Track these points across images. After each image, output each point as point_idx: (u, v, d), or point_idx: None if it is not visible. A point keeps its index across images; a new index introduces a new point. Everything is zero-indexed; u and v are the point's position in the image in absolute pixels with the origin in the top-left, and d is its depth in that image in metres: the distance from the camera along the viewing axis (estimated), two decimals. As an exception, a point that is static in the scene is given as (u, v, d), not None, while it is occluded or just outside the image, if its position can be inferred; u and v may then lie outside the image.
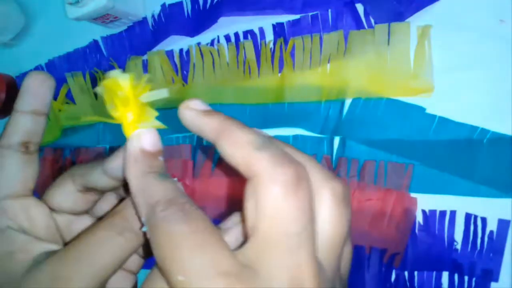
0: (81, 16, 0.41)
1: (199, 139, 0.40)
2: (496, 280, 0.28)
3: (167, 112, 0.42)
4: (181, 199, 0.15)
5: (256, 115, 0.37)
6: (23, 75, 0.55)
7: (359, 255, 0.32)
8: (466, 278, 0.29)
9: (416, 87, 0.31)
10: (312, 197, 0.15)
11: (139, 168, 0.16)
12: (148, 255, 0.22)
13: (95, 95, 0.47)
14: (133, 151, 0.17)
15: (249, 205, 0.15)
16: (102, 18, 0.42)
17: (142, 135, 0.17)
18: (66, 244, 0.19)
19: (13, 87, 0.55)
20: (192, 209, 0.15)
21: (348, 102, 0.34)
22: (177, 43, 0.42)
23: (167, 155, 0.41)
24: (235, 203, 0.37)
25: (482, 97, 0.29)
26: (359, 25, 0.33)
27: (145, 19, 0.44)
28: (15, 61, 0.57)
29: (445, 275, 0.30)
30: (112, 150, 0.46)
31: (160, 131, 0.48)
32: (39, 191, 0.55)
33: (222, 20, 0.40)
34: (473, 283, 0.29)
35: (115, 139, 0.46)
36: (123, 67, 0.45)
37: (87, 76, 0.47)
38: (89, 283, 0.16)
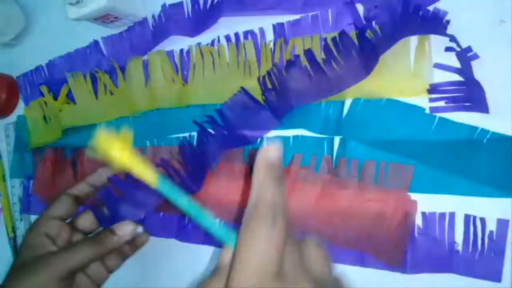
0: (81, 16, 0.41)
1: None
2: (499, 280, 0.28)
3: (169, 112, 0.42)
4: (280, 208, 0.20)
5: (256, 115, 0.37)
6: (23, 75, 0.55)
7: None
8: (468, 279, 0.29)
9: (416, 87, 0.31)
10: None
11: (263, 172, 0.21)
12: (112, 271, 0.36)
13: (96, 95, 0.47)
14: (259, 160, 0.22)
15: None
16: (103, 18, 0.42)
17: (268, 150, 0.22)
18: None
19: (13, 87, 0.55)
20: (284, 218, 0.20)
21: (348, 102, 0.34)
22: (177, 43, 0.42)
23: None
24: (235, 204, 0.37)
25: (482, 97, 0.29)
26: (359, 25, 0.33)
27: (145, 19, 0.44)
28: (15, 61, 0.57)
29: (446, 277, 0.30)
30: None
31: (160, 131, 0.48)
32: (39, 191, 0.55)
33: (222, 20, 0.40)
34: (475, 284, 0.29)
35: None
36: (123, 67, 0.45)
37: (88, 76, 0.47)
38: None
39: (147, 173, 0.23)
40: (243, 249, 0.19)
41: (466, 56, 0.30)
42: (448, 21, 0.30)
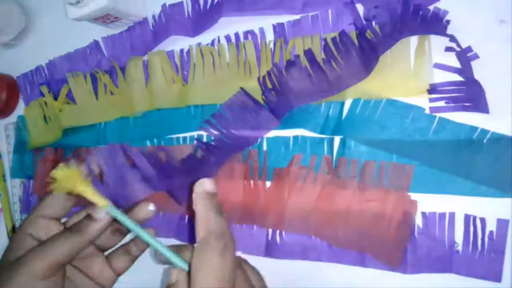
0: (81, 16, 0.41)
1: (200, 139, 0.40)
2: (499, 280, 0.28)
3: (169, 112, 0.42)
4: (227, 236, 0.23)
5: (256, 115, 0.37)
6: (23, 75, 0.55)
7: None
8: (468, 279, 0.29)
9: (416, 87, 0.31)
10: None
11: (204, 204, 0.25)
12: (120, 274, 0.32)
13: (96, 95, 0.47)
14: (199, 192, 0.25)
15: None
16: (103, 18, 0.42)
17: (205, 182, 0.26)
18: None
19: (13, 87, 0.55)
20: (231, 245, 0.23)
21: (348, 102, 0.34)
22: (177, 43, 0.42)
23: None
24: (236, 204, 0.37)
25: (482, 97, 0.29)
26: (359, 25, 0.33)
27: (145, 19, 0.44)
28: (15, 61, 0.57)
29: (446, 277, 0.30)
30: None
31: (161, 132, 0.47)
32: (39, 191, 0.55)
33: (222, 20, 0.40)
34: (475, 284, 0.29)
35: (116, 138, 0.46)
36: (123, 67, 0.45)
37: (88, 76, 0.47)
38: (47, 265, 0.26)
39: (99, 199, 0.27)
40: (200, 278, 0.22)
41: (466, 56, 0.30)
42: (448, 21, 0.30)
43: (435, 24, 0.31)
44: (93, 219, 0.27)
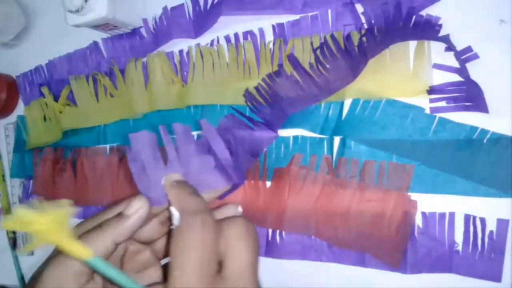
0: (80, 24, 0.41)
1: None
2: (499, 280, 0.28)
3: (168, 113, 0.42)
4: (205, 212, 0.21)
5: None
6: (23, 75, 0.55)
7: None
8: (468, 279, 0.29)
9: (416, 88, 0.31)
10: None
11: (175, 190, 0.23)
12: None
13: (97, 97, 0.47)
14: (168, 184, 0.24)
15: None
16: (102, 26, 0.42)
17: (171, 175, 0.25)
18: None
19: (13, 87, 0.55)
20: (210, 219, 0.21)
21: (348, 102, 0.34)
22: (177, 44, 0.42)
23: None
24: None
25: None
26: (359, 25, 0.33)
27: (146, 22, 0.44)
28: (15, 61, 0.57)
29: (446, 277, 0.30)
30: (112, 150, 0.46)
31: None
32: (39, 191, 0.55)
33: (222, 20, 0.40)
34: (475, 284, 0.29)
35: (115, 139, 0.46)
36: (123, 69, 0.45)
37: (90, 79, 0.47)
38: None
39: (80, 249, 0.19)
40: (178, 255, 0.20)
41: (463, 56, 0.30)
42: (440, 25, 0.30)
43: (427, 29, 0.31)
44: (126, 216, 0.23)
